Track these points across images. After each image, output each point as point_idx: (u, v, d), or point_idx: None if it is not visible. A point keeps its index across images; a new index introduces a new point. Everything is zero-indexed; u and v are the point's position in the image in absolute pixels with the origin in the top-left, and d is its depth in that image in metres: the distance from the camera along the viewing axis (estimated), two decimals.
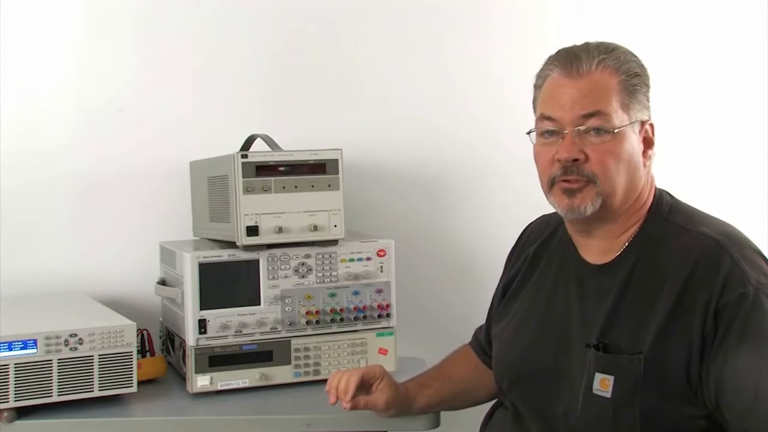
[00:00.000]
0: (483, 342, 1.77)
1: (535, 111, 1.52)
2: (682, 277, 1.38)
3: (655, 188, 1.52)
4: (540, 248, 1.64)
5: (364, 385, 1.61)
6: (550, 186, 1.46)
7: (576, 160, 1.42)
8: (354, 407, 1.59)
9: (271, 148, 1.92)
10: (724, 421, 1.34)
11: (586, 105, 1.42)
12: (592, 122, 1.42)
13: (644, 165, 1.47)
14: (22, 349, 1.63)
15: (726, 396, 1.32)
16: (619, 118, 1.42)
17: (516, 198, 2.29)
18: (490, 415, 1.72)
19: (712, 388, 1.33)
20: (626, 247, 1.47)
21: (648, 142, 1.47)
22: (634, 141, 1.44)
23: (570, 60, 1.45)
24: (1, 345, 1.62)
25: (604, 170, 1.42)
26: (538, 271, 1.62)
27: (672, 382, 1.35)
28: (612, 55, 1.44)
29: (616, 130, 1.41)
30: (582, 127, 1.42)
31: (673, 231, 1.45)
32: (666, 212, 1.48)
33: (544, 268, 1.61)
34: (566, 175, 1.43)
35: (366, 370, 1.62)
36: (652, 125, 1.48)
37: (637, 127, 1.45)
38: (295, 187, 1.82)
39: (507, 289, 1.68)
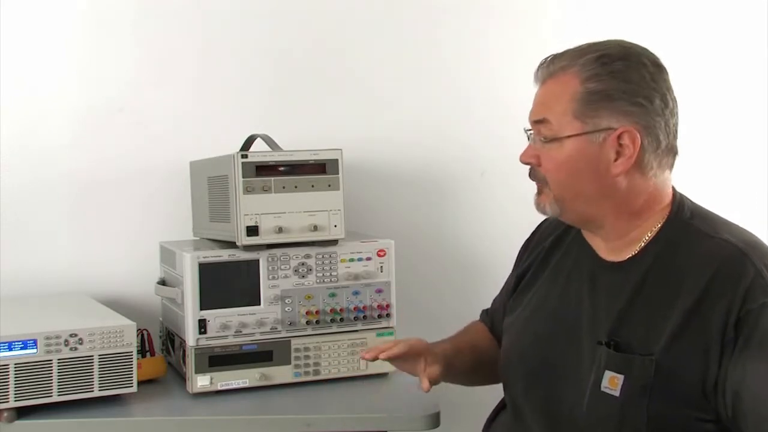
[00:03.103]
0: (491, 321, 1.78)
1: None
2: (701, 282, 1.36)
3: (674, 190, 1.50)
4: (555, 242, 1.64)
5: (406, 357, 1.57)
6: None
7: (530, 163, 1.48)
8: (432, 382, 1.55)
9: (271, 148, 1.92)
10: (739, 430, 1.32)
11: (536, 112, 1.47)
12: (538, 128, 1.46)
13: (618, 174, 1.41)
14: (22, 349, 1.63)
15: (743, 406, 1.30)
16: (564, 126, 1.41)
17: (516, 198, 2.27)
18: (492, 418, 1.71)
19: (729, 397, 1.31)
20: (643, 246, 1.46)
21: (623, 150, 1.40)
22: (589, 150, 1.40)
23: (540, 67, 1.48)
24: (1, 345, 1.62)
25: (549, 176, 1.46)
26: (551, 265, 1.62)
27: (683, 386, 1.34)
28: (581, 60, 1.41)
29: (551, 138, 1.43)
30: (534, 133, 1.47)
31: (693, 235, 1.42)
32: (687, 216, 1.46)
33: (558, 262, 1.60)
34: (529, 176, 1.51)
35: (413, 347, 1.57)
36: (630, 132, 1.39)
37: (598, 137, 1.40)
38: (295, 187, 1.82)
39: (519, 282, 1.68)
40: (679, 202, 1.48)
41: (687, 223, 1.45)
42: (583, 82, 1.40)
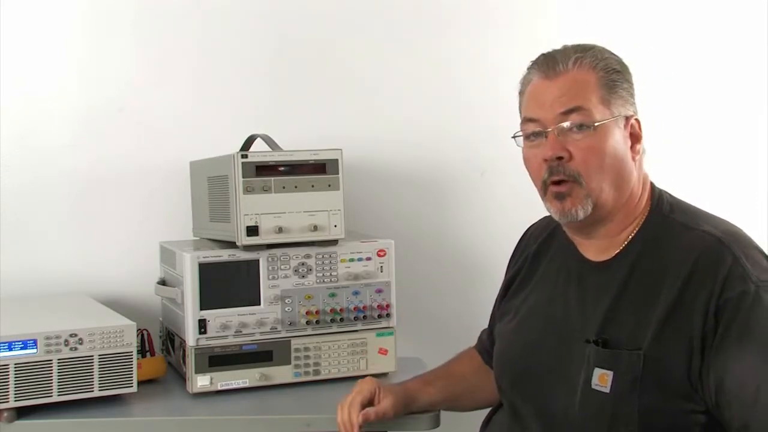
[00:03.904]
0: (486, 344, 1.77)
1: (521, 117, 1.53)
2: (683, 274, 1.38)
3: (653, 186, 1.52)
4: (541, 247, 1.65)
5: (366, 405, 1.63)
6: (544, 191, 1.48)
7: (561, 158, 1.44)
8: (366, 420, 1.61)
9: (271, 148, 1.92)
10: (723, 418, 1.34)
11: (565, 102, 1.44)
12: (573, 118, 1.43)
13: (633, 159, 1.47)
14: (22, 349, 1.63)
15: (726, 393, 1.32)
16: (599, 112, 1.44)
17: (516, 198, 2.28)
18: (490, 416, 1.72)
19: (712, 386, 1.33)
20: (627, 244, 1.48)
21: (635, 137, 1.48)
22: (618, 136, 1.45)
23: (547, 62, 1.48)
24: (1, 345, 1.62)
25: (587, 168, 1.43)
26: (539, 270, 1.63)
27: (671, 378, 1.36)
28: (588, 53, 1.46)
29: (596, 124, 1.43)
30: (563, 125, 1.44)
31: (674, 229, 1.45)
32: (667, 210, 1.48)
33: (546, 267, 1.61)
34: (553, 175, 1.45)
35: (363, 396, 1.64)
36: (638, 120, 1.48)
37: (621, 122, 1.45)
38: (295, 187, 1.82)
39: (508, 288, 1.69)
40: (658, 197, 1.51)
41: (667, 217, 1.47)
42: (600, 72, 1.45)
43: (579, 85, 1.45)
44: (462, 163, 2.38)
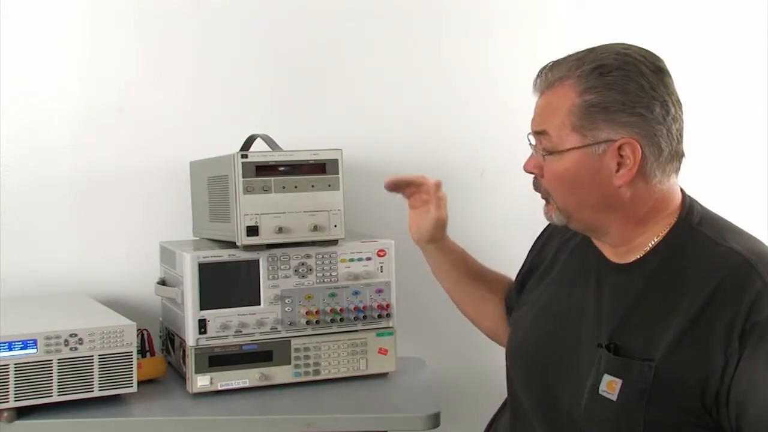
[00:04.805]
0: (512, 290, 1.79)
1: None
2: (706, 290, 1.34)
3: (684, 195, 1.47)
4: (564, 241, 1.64)
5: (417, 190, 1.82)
6: None
7: (533, 173, 1.47)
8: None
9: (271, 148, 1.92)
10: None
11: (535, 123, 1.46)
12: (539, 140, 1.45)
13: (620, 185, 1.39)
14: (22, 349, 1.64)
15: (748, 419, 1.28)
16: (563, 140, 1.40)
17: (516, 198, 2.28)
18: (495, 417, 1.71)
19: (732, 410, 1.30)
20: (650, 250, 1.44)
21: (624, 161, 1.38)
22: (590, 162, 1.39)
23: (539, 75, 1.46)
24: (1, 345, 1.62)
25: (551, 189, 1.46)
26: (560, 263, 1.61)
27: (682, 394, 1.33)
28: (576, 72, 1.39)
29: (549, 152, 1.42)
30: (535, 143, 1.46)
31: (700, 242, 1.40)
32: (696, 222, 1.43)
33: (567, 261, 1.60)
34: (534, 187, 1.50)
35: (424, 183, 1.82)
36: (630, 143, 1.37)
37: (600, 148, 1.38)
38: (295, 187, 1.82)
39: (531, 274, 1.69)
40: (688, 207, 1.46)
41: (694, 228, 1.43)
42: (580, 95, 1.38)
43: (549, 108, 1.42)
44: (462, 163, 2.37)
